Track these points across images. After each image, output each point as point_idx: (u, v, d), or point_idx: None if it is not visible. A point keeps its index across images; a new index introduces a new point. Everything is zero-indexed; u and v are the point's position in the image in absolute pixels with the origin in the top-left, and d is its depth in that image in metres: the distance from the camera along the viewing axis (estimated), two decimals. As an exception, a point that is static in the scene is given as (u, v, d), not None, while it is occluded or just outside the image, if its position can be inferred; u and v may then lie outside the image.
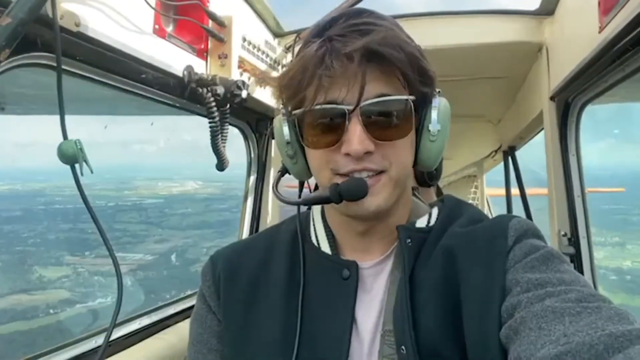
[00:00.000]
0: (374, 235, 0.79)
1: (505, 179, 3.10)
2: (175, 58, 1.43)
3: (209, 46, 1.58)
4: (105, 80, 1.25)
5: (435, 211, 0.83)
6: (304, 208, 0.89)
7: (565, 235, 1.82)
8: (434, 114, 0.75)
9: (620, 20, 1.09)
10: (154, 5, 1.28)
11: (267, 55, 1.92)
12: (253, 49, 1.76)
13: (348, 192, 0.70)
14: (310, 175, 0.82)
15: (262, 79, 1.82)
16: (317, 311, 0.77)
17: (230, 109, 1.60)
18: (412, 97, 0.71)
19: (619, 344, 0.47)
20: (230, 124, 1.66)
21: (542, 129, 2.00)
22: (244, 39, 1.69)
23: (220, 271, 0.85)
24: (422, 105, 0.74)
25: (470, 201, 4.16)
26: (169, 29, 1.42)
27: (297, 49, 2.17)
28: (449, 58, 2.06)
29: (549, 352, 0.51)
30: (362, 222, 0.77)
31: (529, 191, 2.93)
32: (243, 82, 1.53)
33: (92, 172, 1.03)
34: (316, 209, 0.88)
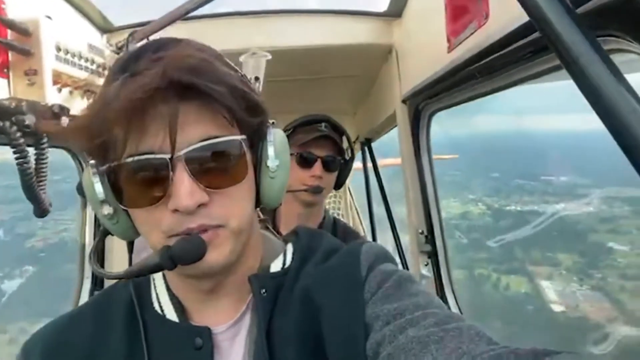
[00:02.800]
0: (223, 293, 0.69)
1: (363, 168, 3.20)
2: None
3: (10, 62, 1.24)
4: None
5: (290, 249, 0.76)
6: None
7: (422, 233, 1.91)
8: (270, 149, 0.69)
9: (470, 46, 1.09)
10: None
11: (93, 62, 1.60)
12: (72, 57, 1.45)
13: (182, 254, 0.59)
14: (139, 232, 0.67)
15: (91, 92, 1.52)
16: None
17: (49, 136, 1.29)
18: (243, 137, 0.64)
19: None
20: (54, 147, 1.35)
21: (396, 125, 2.05)
22: (59, 48, 1.37)
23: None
24: (256, 139, 0.68)
25: (332, 192, 4.30)
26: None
27: (131, 48, 1.87)
28: (300, 58, 2.00)
29: None
30: (206, 279, 0.67)
31: (388, 161, 3.07)
32: (61, 107, 1.24)
33: None
34: (158, 273, 0.74)
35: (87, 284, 1.85)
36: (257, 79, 1.75)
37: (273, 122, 0.71)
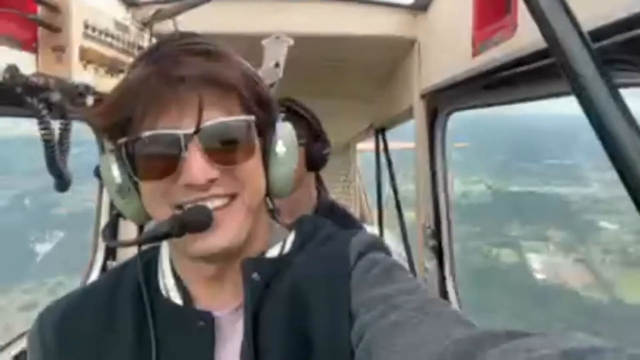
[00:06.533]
0: (227, 279, 0.72)
1: (375, 157, 3.21)
2: None
3: (39, 37, 1.26)
4: None
5: (291, 237, 0.79)
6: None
7: (429, 227, 1.93)
8: (279, 139, 0.73)
9: (496, 55, 1.09)
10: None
11: (119, 39, 1.62)
12: (99, 34, 1.46)
13: (190, 221, 0.62)
14: (149, 217, 0.71)
15: (115, 69, 1.54)
16: None
17: (74, 112, 1.32)
18: (252, 118, 0.68)
19: (469, 350, 0.48)
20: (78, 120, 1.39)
21: (412, 119, 2.06)
22: (87, 25, 1.39)
23: (50, 337, 0.71)
24: (265, 130, 0.72)
25: (342, 177, 4.32)
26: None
27: (156, 26, 1.87)
28: (323, 44, 2.00)
29: None
30: (211, 264, 0.70)
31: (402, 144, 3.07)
32: (87, 87, 1.26)
33: None
34: (165, 256, 0.77)
35: (99, 256, 1.91)
36: (277, 65, 1.76)
37: (283, 117, 0.75)
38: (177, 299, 0.73)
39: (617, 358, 0.34)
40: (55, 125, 1.28)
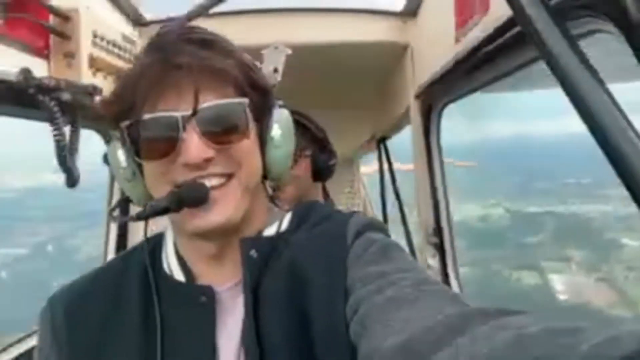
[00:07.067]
0: (226, 256, 0.76)
1: (379, 168, 3.26)
2: (5, 60, 1.21)
3: (51, 44, 1.36)
4: None
5: (287, 217, 0.82)
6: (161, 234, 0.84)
7: (430, 225, 1.96)
8: (275, 123, 0.77)
9: (473, 36, 1.16)
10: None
11: (126, 51, 1.73)
12: (107, 44, 1.57)
13: (187, 196, 0.67)
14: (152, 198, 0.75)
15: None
16: (176, 345, 0.72)
17: (83, 113, 1.41)
18: (246, 100, 0.71)
19: (460, 325, 0.49)
20: (86, 128, 1.47)
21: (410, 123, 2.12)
22: (95, 35, 1.49)
23: (60, 318, 0.75)
24: (261, 114, 0.76)
25: (347, 188, 4.37)
26: (-4, 25, 1.19)
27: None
28: (317, 54, 2.07)
29: (394, 342, 0.53)
30: (209, 242, 0.74)
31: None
32: (94, 87, 1.35)
33: None
34: (169, 239, 0.82)
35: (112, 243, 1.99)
36: (275, 70, 1.85)
37: (280, 104, 0.79)
38: (180, 276, 0.77)
39: (596, 334, 0.36)
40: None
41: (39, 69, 1.31)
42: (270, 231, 0.79)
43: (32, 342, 1.58)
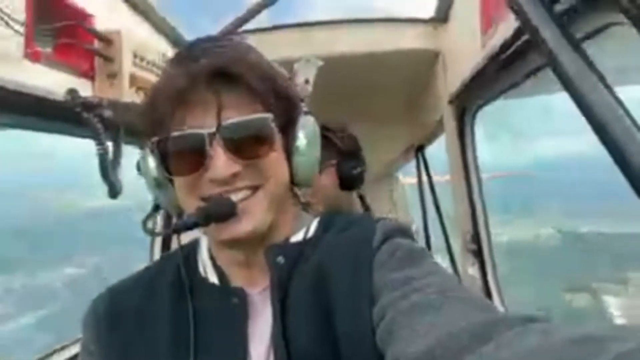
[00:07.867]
0: (255, 265, 0.78)
1: (417, 177, 3.23)
2: (55, 82, 1.31)
3: (95, 66, 1.47)
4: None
5: (315, 222, 0.83)
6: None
7: (468, 232, 1.92)
8: (300, 132, 0.76)
9: (498, 38, 1.15)
10: (22, 31, 1.15)
11: (165, 70, 1.82)
12: (147, 64, 1.66)
13: (214, 212, 0.68)
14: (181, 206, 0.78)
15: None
16: (208, 342, 0.75)
17: (126, 130, 1.50)
18: (270, 115, 0.71)
19: (485, 332, 0.49)
20: (128, 144, 1.56)
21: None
22: (135, 55, 1.59)
23: (102, 316, 0.80)
24: (288, 126, 0.76)
25: (387, 199, 4.34)
26: (46, 51, 1.30)
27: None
28: (349, 66, 2.10)
29: (418, 348, 0.53)
30: (238, 250, 0.76)
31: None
32: (135, 104, 1.44)
33: None
34: (204, 246, 0.85)
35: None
36: (307, 81, 1.88)
37: (306, 112, 0.79)
38: (214, 279, 0.80)
39: (624, 343, 0.35)
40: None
41: (84, 88, 1.40)
42: (297, 237, 0.80)
43: (75, 349, 1.66)
